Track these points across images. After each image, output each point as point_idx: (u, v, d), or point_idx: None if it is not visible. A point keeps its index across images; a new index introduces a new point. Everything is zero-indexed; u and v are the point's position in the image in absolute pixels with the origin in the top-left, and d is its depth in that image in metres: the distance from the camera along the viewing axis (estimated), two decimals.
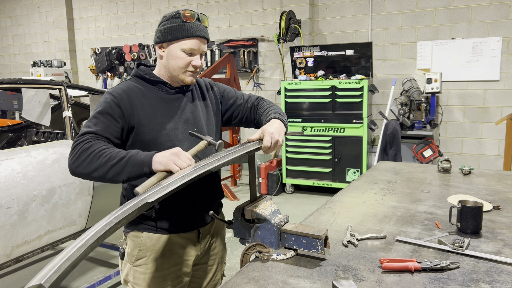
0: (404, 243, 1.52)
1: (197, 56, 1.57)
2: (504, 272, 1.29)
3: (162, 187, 1.14)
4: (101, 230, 0.99)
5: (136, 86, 1.58)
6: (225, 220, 1.61)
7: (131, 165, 1.34)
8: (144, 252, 1.61)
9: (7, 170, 2.30)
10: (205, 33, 1.58)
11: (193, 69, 1.57)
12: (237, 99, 1.79)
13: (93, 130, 1.44)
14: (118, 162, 1.34)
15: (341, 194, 2.18)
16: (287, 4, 6.09)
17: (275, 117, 1.62)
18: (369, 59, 5.32)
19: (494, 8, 5.12)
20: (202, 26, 1.57)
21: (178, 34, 1.52)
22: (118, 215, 1.04)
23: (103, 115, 1.48)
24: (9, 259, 2.35)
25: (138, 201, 1.09)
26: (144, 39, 7.67)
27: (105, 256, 3.74)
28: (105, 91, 3.40)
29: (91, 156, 1.36)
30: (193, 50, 1.55)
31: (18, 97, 6.49)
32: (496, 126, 5.23)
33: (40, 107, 3.51)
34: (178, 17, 1.53)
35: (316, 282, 1.24)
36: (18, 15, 9.17)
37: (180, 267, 1.64)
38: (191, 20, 1.53)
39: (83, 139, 1.40)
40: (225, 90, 1.81)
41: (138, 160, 1.34)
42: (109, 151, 1.37)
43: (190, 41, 1.53)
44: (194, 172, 1.23)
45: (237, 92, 1.83)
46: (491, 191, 2.18)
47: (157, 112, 1.57)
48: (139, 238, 1.61)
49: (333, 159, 5.30)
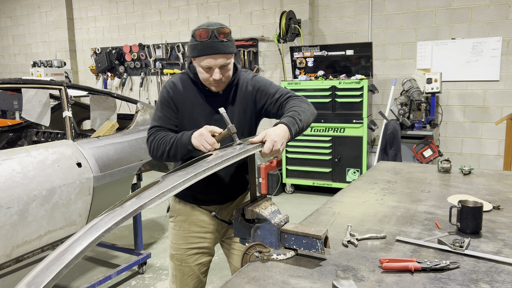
0: (404, 243, 1.52)
1: (216, 70, 1.68)
2: (504, 272, 1.29)
3: (162, 192, 1.15)
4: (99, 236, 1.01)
5: (185, 81, 1.82)
6: (225, 220, 1.62)
7: (179, 147, 1.67)
8: (173, 213, 1.97)
9: (7, 170, 2.30)
10: (219, 50, 1.65)
11: (214, 82, 1.72)
12: (268, 97, 1.83)
13: (156, 124, 1.79)
14: (172, 146, 1.68)
15: (341, 194, 2.18)
16: (287, 4, 6.09)
17: (285, 122, 1.61)
18: (369, 59, 5.32)
19: (494, 8, 5.12)
20: (217, 42, 1.64)
21: (195, 53, 1.68)
22: (118, 221, 1.05)
23: (162, 108, 1.81)
24: (9, 259, 2.35)
25: (137, 207, 1.09)
26: (144, 39, 7.67)
27: (105, 256, 3.74)
28: (106, 91, 3.42)
29: (156, 146, 1.73)
30: (209, 66, 1.67)
31: (18, 97, 6.50)
32: (496, 126, 5.23)
33: (40, 107, 3.51)
34: (193, 36, 1.67)
35: (316, 282, 1.24)
36: (18, 15, 9.17)
37: (200, 233, 1.92)
38: (204, 39, 1.64)
39: (150, 133, 1.79)
40: (259, 88, 1.84)
41: (181, 142, 1.66)
42: (165, 139, 1.71)
43: (204, 60, 1.66)
44: (194, 178, 1.24)
45: (270, 90, 1.84)
46: (491, 191, 2.18)
47: (195, 108, 1.79)
48: (173, 201, 1.97)
49: (333, 159, 5.30)
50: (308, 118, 1.71)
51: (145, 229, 4.36)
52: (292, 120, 1.63)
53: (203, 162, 1.37)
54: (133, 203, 1.13)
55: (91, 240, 0.99)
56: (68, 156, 2.64)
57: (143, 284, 3.24)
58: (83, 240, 1.02)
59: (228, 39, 1.66)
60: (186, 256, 1.93)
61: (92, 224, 1.13)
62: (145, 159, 3.18)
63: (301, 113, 1.68)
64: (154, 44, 7.54)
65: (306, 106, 1.75)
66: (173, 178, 1.28)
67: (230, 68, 1.75)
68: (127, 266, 3.21)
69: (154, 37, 7.58)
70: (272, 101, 1.82)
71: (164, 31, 7.46)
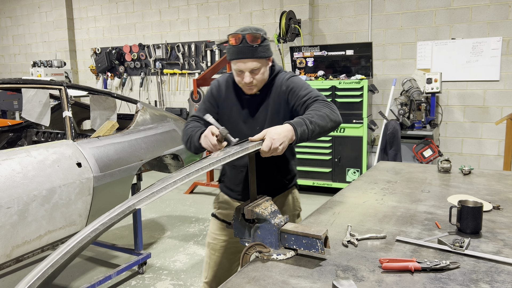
0: (404, 243, 1.52)
1: (246, 74, 1.76)
2: (504, 272, 1.29)
3: (152, 193, 1.18)
4: (86, 237, 1.03)
5: (229, 81, 1.95)
6: (225, 220, 1.62)
7: (192, 142, 1.83)
8: (216, 204, 2.13)
9: (7, 170, 2.30)
10: (249, 54, 1.73)
11: (246, 85, 1.80)
12: (298, 98, 1.84)
13: (195, 114, 1.98)
14: (188, 139, 1.86)
15: (341, 194, 2.18)
16: (287, 4, 6.09)
17: (292, 122, 1.60)
18: (369, 59, 5.32)
19: (494, 8, 5.13)
20: (247, 47, 1.72)
21: (228, 56, 1.80)
22: (105, 222, 1.07)
23: (205, 101, 1.98)
24: (9, 259, 2.35)
25: (125, 207, 1.11)
26: (144, 39, 7.67)
27: (105, 256, 3.74)
28: (106, 91, 3.42)
29: (183, 134, 1.92)
30: (240, 70, 1.77)
31: (18, 97, 6.50)
32: (496, 126, 5.23)
33: (40, 107, 3.51)
34: (227, 41, 1.78)
35: (316, 282, 1.24)
36: (18, 15, 9.17)
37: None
38: (234, 44, 1.74)
39: (186, 122, 1.97)
40: (292, 89, 1.86)
41: (194, 138, 1.82)
42: (190, 131, 1.87)
43: (234, 63, 1.78)
44: (186, 177, 1.26)
45: (301, 91, 1.84)
46: (491, 191, 2.18)
47: (233, 108, 1.92)
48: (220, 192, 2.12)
49: (333, 159, 5.30)
50: (325, 123, 1.67)
51: (145, 229, 4.36)
52: (301, 121, 1.61)
53: (198, 163, 1.40)
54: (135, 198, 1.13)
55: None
56: (68, 156, 2.64)
57: (143, 284, 3.24)
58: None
59: (259, 44, 1.73)
60: (219, 247, 2.03)
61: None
62: (145, 159, 3.18)
63: (316, 117, 1.65)
64: (154, 44, 7.54)
65: (328, 111, 1.71)
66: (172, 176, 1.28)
67: (262, 72, 1.79)
68: (127, 266, 3.21)
69: (154, 37, 7.58)
70: (300, 102, 1.81)
71: (164, 31, 7.46)
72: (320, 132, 1.67)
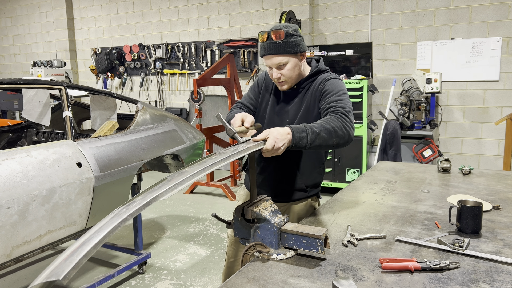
0: (404, 243, 1.52)
1: (274, 69, 1.83)
2: (504, 272, 1.29)
3: (173, 185, 1.20)
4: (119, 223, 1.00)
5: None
6: (225, 220, 1.62)
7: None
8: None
9: (7, 170, 2.30)
10: (273, 50, 1.79)
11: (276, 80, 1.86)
12: (324, 103, 1.82)
13: (240, 100, 2.06)
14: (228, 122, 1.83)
15: (341, 194, 2.18)
16: (287, 4, 6.09)
17: (292, 126, 1.59)
18: (369, 59, 5.32)
19: (494, 8, 5.13)
20: (271, 43, 1.79)
21: (259, 53, 1.93)
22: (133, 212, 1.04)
23: (250, 90, 2.08)
24: (9, 259, 2.35)
25: (151, 199, 1.10)
26: (145, 39, 7.67)
27: (105, 256, 3.74)
28: (106, 91, 3.43)
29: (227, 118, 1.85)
30: (269, 65, 1.85)
31: (19, 97, 6.51)
32: (496, 126, 5.23)
33: (40, 107, 3.52)
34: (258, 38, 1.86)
35: (316, 282, 1.24)
36: (18, 15, 9.17)
37: None
38: (262, 41, 1.82)
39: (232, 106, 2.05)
40: (324, 92, 1.86)
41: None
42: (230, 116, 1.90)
43: (264, 60, 1.86)
44: (196, 175, 1.29)
45: (330, 97, 1.80)
46: (491, 191, 2.18)
47: (271, 98, 1.98)
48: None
49: (333, 159, 5.31)
50: (328, 137, 1.62)
51: (145, 229, 4.36)
52: (303, 129, 1.58)
53: (202, 162, 1.38)
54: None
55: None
56: (68, 156, 2.64)
57: (143, 284, 3.25)
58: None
59: (283, 40, 1.77)
60: (236, 239, 2.06)
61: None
62: (145, 159, 3.18)
63: (320, 128, 1.61)
64: (154, 44, 7.54)
65: (337, 126, 1.64)
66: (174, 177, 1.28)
67: (289, 68, 1.82)
68: (127, 266, 3.21)
69: (154, 37, 7.58)
70: (324, 107, 1.79)
71: (164, 31, 7.46)
72: (321, 145, 1.61)
